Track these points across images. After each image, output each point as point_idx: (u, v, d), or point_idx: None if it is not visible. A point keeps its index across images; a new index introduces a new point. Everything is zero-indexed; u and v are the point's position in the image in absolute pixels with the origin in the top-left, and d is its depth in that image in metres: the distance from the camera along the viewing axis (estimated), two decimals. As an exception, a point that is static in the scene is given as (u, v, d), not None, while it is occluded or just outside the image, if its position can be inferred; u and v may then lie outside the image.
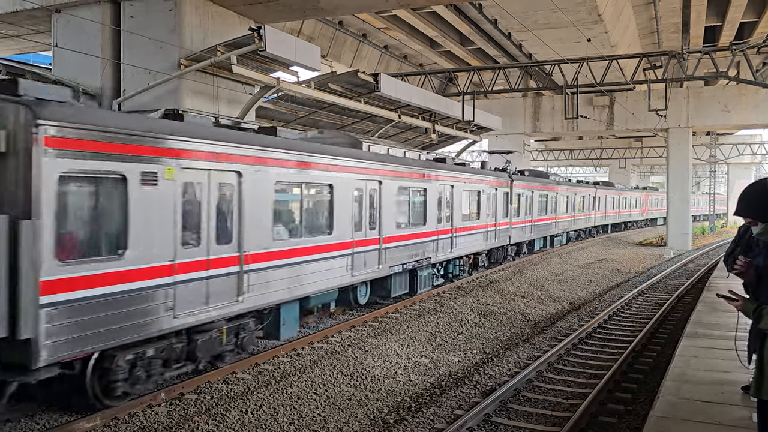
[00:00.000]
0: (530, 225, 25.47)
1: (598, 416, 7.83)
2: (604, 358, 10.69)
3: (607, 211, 41.18)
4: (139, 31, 13.25)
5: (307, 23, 23.48)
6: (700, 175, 75.30)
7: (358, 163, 12.59)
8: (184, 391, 8.55)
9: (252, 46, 12.10)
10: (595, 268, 23.86)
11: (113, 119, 7.56)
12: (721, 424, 5.70)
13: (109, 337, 7.13)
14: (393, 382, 9.23)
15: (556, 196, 29.24)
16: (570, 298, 17.06)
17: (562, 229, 31.09)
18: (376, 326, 12.73)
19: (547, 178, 29.26)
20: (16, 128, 6.35)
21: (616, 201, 43.80)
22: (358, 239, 12.64)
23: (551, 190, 28.72)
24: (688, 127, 31.88)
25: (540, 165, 63.70)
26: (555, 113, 33.92)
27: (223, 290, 8.85)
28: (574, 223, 33.44)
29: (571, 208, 32.22)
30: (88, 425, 7.24)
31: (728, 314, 10.15)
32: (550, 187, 28.69)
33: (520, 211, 23.88)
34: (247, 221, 9.31)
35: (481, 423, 7.57)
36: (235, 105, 14.51)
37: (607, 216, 41.71)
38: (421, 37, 28.31)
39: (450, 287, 17.62)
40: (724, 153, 56.08)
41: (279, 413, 7.87)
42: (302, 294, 10.93)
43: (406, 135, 23.57)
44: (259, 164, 9.61)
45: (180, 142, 8.13)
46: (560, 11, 19.48)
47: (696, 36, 28.63)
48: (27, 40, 17.72)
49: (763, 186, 4.43)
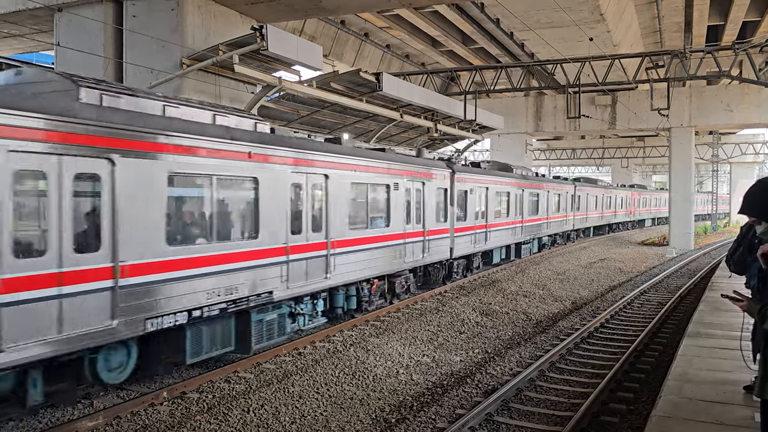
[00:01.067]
0: (484, 232, 20.10)
1: (600, 416, 7.82)
2: (606, 357, 10.67)
3: (588, 211, 36.29)
4: (141, 30, 13.26)
5: (309, 22, 23.48)
6: (702, 175, 75.21)
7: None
8: (186, 389, 8.56)
9: (254, 45, 12.10)
10: (597, 267, 23.84)
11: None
12: (723, 424, 5.69)
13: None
14: (395, 381, 9.23)
15: (521, 194, 24.23)
16: (572, 298, 17.05)
17: (531, 234, 25.88)
18: (378, 325, 12.74)
19: (511, 171, 24.06)
20: None
21: (600, 200, 38.96)
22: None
23: (515, 186, 23.58)
24: (691, 127, 31.81)
25: (542, 164, 63.78)
26: (557, 113, 33.86)
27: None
28: (547, 228, 28.41)
29: (543, 208, 27.32)
30: (90, 424, 7.25)
31: (730, 314, 10.15)
32: (514, 183, 23.42)
33: (467, 213, 18.58)
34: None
35: (483, 422, 7.57)
36: (236, 104, 14.50)
37: (589, 218, 36.73)
38: (423, 37, 28.30)
39: (452, 287, 17.61)
40: (727, 152, 55.99)
41: (281, 412, 7.87)
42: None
43: (408, 134, 23.55)
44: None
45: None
46: (562, 10, 19.46)
47: (698, 35, 28.58)
48: (29, 39, 17.76)
49: (767, 184, 4.41)
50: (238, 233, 9.65)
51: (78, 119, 6.96)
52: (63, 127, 6.77)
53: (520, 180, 24.21)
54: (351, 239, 12.40)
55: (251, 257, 9.51)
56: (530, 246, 26.07)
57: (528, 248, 25.69)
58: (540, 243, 27.83)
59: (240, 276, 9.25)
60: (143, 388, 8.59)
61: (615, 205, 42.72)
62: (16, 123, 6.32)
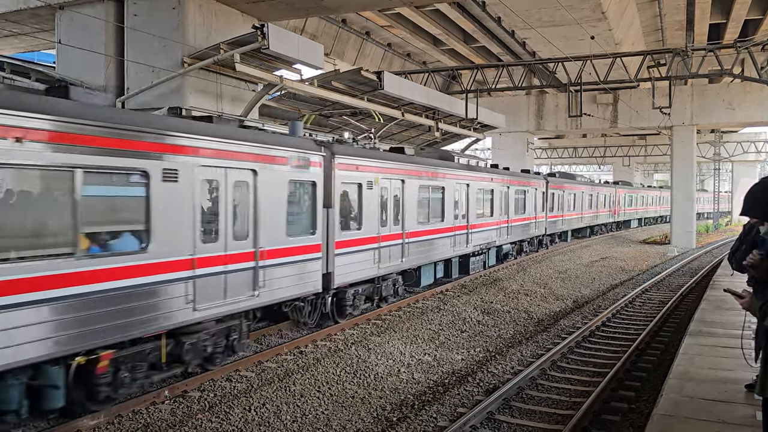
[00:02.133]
0: (400, 244, 14.15)
1: (601, 414, 7.81)
2: (608, 356, 10.66)
3: (565, 212, 30.70)
4: (142, 29, 13.27)
5: (311, 21, 23.48)
6: (704, 173, 75.10)
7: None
8: (188, 388, 8.57)
9: (255, 44, 12.11)
10: (598, 266, 23.83)
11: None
12: (724, 422, 5.68)
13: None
14: (396, 380, 9.23)
15: (465, 191, 18.24)
16: (573, 296, 17.04)
17: (484, 243, 19.77)
18: (380, 324, 12.74)
19: (451, 159, 18.18)
20: None
21: (579, 199, 33.39)
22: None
23: (453, 179, 17.29)
24: (693, 125, 31.77)
25: (543, 163, 63.74)
26: (558, 111, 33.84)
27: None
28: (508, 234, 22.21)
29: (499, 209, 21.20)
30: (92, 422, 7.26)
31: (732, 312, 10.14)
32: (450, 175, 17.07)
33: (361, 217, 12.62)
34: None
35: (485, 421, 7.57)
36: (238, 103, 14.52)
37: (566, 219, 31.09)
38: (424, 35, 28.28)
39: (453, 285, 17.61)
40: (729, 151, 55.90)
41: (282, 411, 7.88)
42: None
43: (410, 133, 23.55)
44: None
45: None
46: (564, 9, 19.46)
47: (700, 33, 28.53)
48: (31, 38, 17.77)
49: (767, 185, 4.41)
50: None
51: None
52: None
53: (456, 171, 17.73)
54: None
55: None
56: (481, 257, 20.12)
57: (479, 262, 19.83)
58: (500, 252, 22.23)
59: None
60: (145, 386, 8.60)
61: (596, 204, 37.72)
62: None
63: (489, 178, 20.56)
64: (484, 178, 20.04)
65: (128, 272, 7.38)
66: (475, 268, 19.47)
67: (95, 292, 6.95)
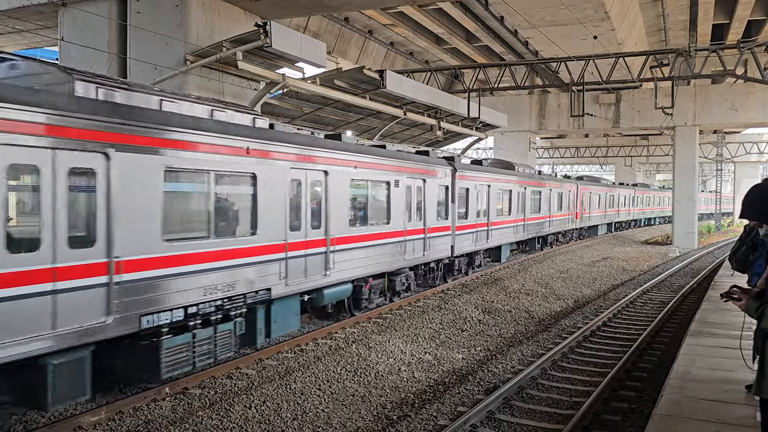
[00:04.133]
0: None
1: (601, 414, 7.81)
2: (609, 356, 10.67)
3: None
4: (145, 27, 13.29)
5: (313, 19, 23.49)
6: (706, 174, 75.01)
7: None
8: (189, 385, 8.58)
9: (258, 42, 12.11)
10: (600, 266, 23.81)
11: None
12: (724, 423, 5.68)
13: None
14: (396, 379, 9.24)
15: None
16: (574, 296, 17.03)
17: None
18: (380, 323, 12.75)
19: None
20: None
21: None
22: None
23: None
24: (695, 126, 31.74)
25: (545, 162, 63.70)
26: (561, 111, 33.82)
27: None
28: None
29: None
30: (92, 419, 7.28)
31: (733, 313, 10.12)
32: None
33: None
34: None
35: (485, 420, 7.57)
36: (240, 101, 14.51)
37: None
38: (427, 34, 28.28)
39: (454, 284, 17.62)
40: (731, 151, 55.81)
41: (282, 408, 7.89)
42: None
43: (411, 132, 23.54)
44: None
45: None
46: (567, 8, 19.43)
47: (703, 34, 28.50)
48: (34, 35, 17.78)
49: (766, 188, 4.41)
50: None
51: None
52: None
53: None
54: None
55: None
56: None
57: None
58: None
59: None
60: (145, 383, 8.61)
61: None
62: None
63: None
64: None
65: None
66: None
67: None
